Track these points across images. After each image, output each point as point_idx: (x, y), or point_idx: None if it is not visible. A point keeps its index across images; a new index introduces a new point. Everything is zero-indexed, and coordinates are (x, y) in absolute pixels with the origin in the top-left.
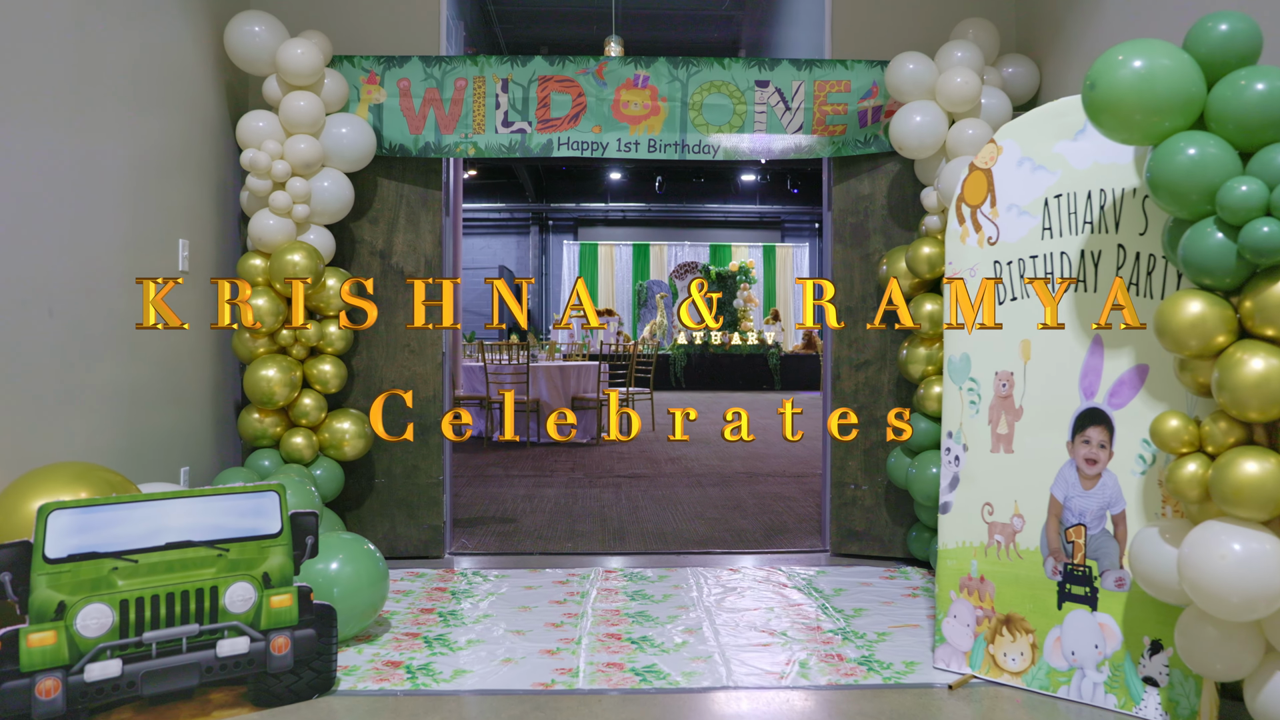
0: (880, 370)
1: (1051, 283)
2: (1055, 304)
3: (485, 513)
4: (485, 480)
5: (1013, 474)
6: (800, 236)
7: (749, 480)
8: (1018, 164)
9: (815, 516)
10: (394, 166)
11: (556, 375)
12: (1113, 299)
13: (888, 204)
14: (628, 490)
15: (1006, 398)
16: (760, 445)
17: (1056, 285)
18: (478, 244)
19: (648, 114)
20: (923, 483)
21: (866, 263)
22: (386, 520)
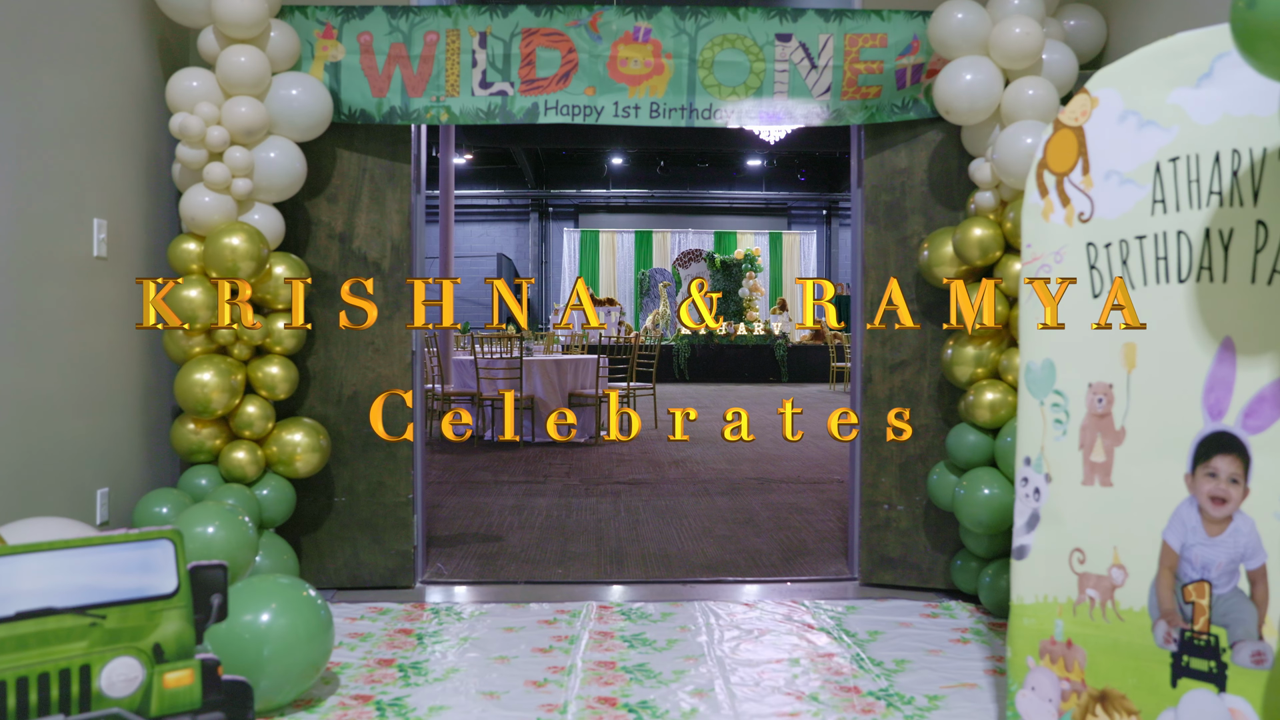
0: (920, 372)
1: (1166, 271)
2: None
3: (467, 528)
4: (471, 488)
5: (1112, 513)
6: (808, 224)
7: (760, 488)
8: (1119, 119)
9: (838, 534)
10: (355, 135)
11: (553, 370)
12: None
13: (928, 179)
14: (627, 500)
15: (1104, 416)
16: (770, 445)
17: (1171, 274)
18: (475, 231)
19: (650, 73)
20: (972, 506)
21: (903, 247)
22: (347, 545)
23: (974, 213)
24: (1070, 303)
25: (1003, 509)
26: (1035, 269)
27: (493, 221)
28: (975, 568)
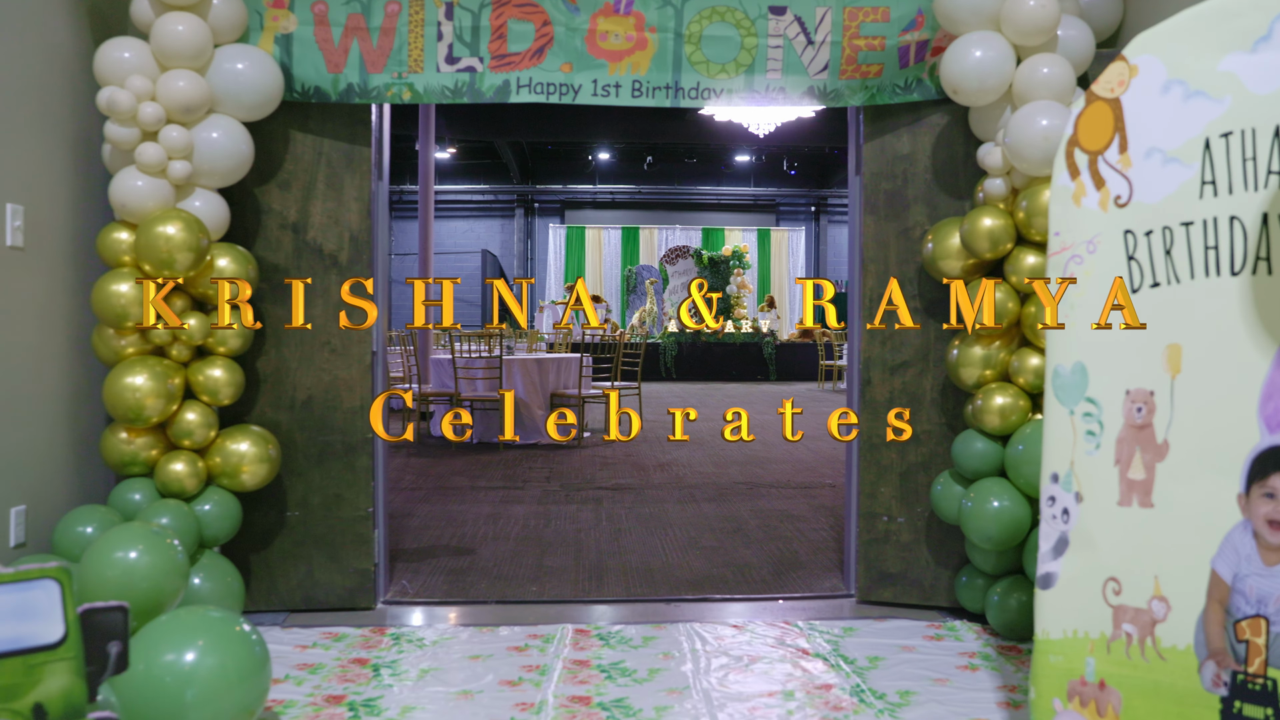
0: (922, 374)
1: (1217, 262)
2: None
3: (438, 540)
4: (445, 494)
5: (1153, 538)
6: (796, 220)
7: (749, 493)
8: (1163, 89)
9: (832, 544)
10: (310, 116)
11: (534, 369)
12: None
13: (932, 166)
14: (610, 507)
15: (1144, 428)
16: (759, 447)
17: (1222, 265)
18: (460, 227)
19: (632, 48)
20: (980, 520)
21: (905, 239)
22: (301, 564)
23: (982, 202)
24: (1105, 296)
25: (1014, 523)
26: (1064, 260)
27: (477, 217)
28: (982, 585)
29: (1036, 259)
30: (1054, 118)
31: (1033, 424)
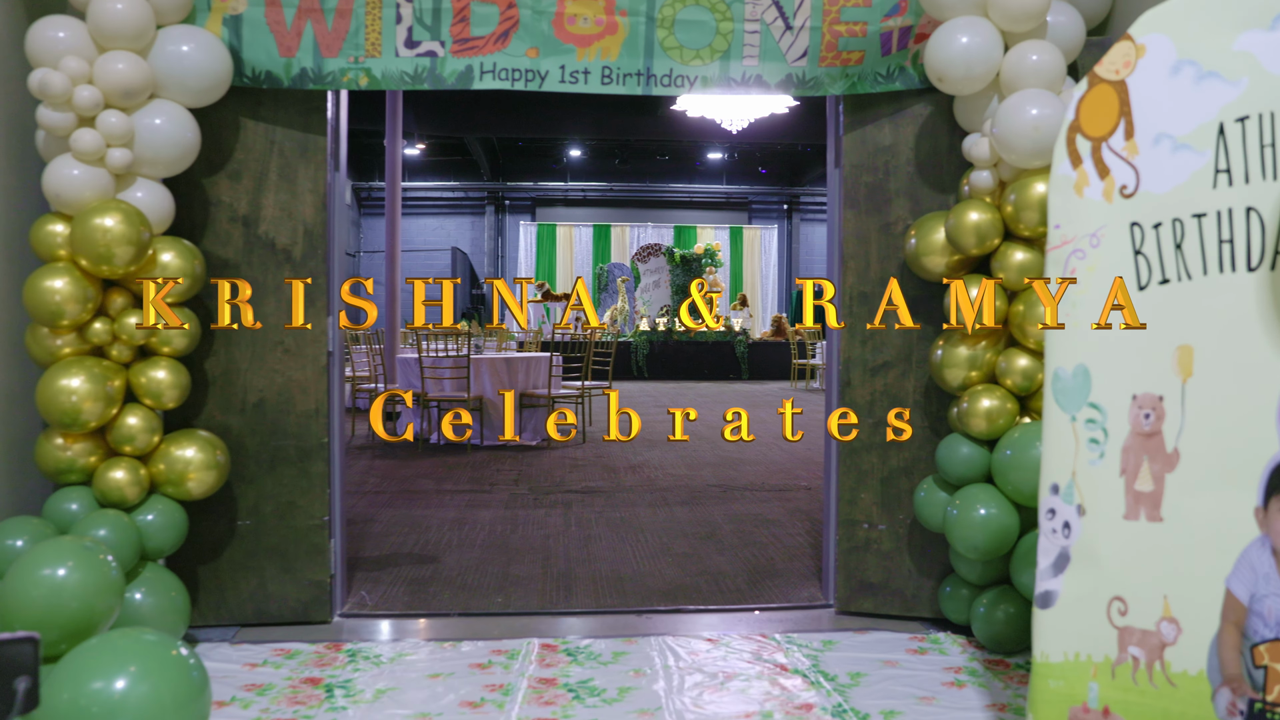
0: (904, 375)
1: (1232, 257)
2: (1055, 303)
3: (400, 547)
4: (410, 498)
5: (1162, 554)
6: (769, 218)
7: (722, 496)
8: (1172, 70)
9: (808, 550)
10: (262, 103)
11: (502, 369)
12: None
13: (915, 158)
14: (579, 511)
15: (1152, 436)
16: (732, 449)
17: (1238, 260)
18: (430, 225)
19: (601, 32)
20: (966, 529)
21: (887, 234)
22: (253, 576)
23: (968, 195)
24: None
25: (1002, 532)
26: (1065, 255)
27: (447, 214)
28: (967, 596)
29: (1025, 255)
30: (1045, 107)
31: (1021, 428)
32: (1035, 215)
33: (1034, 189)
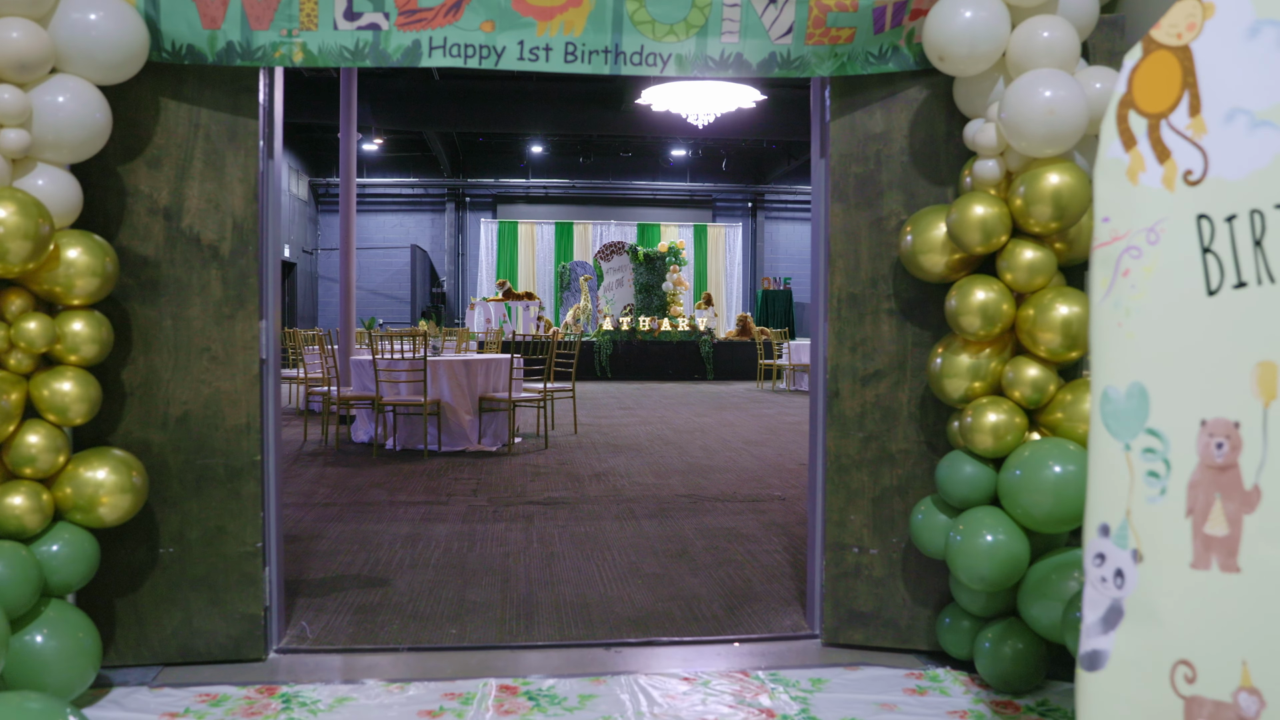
0: (898, 385)
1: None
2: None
3: (348, 568)
4: (362, 510)
5: (1238, 611)
6: (733, 216)
7: (693, 507)
8: (1249, 33)
9: (788, 570)
10: (185, 81)
11: (461, 372)
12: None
13: (910, 147)
14: (541, 525)
15: (1226, 469)
16: (700, 454)
17: None
18: (389, 222)
19: (565, 4)
20: (972, 558)
21: (879, 230)
22: (177, 610)
23: (969, 188)
24: (1172, 300)
25: (1011, 561)
26: (1117, 254)
27: (406, 211)
28: (969, 628)
29: (1036, 253)
30: (1059, 88)
31: (1032, 445)
32: (1047, 209)
33: (1046, 180)
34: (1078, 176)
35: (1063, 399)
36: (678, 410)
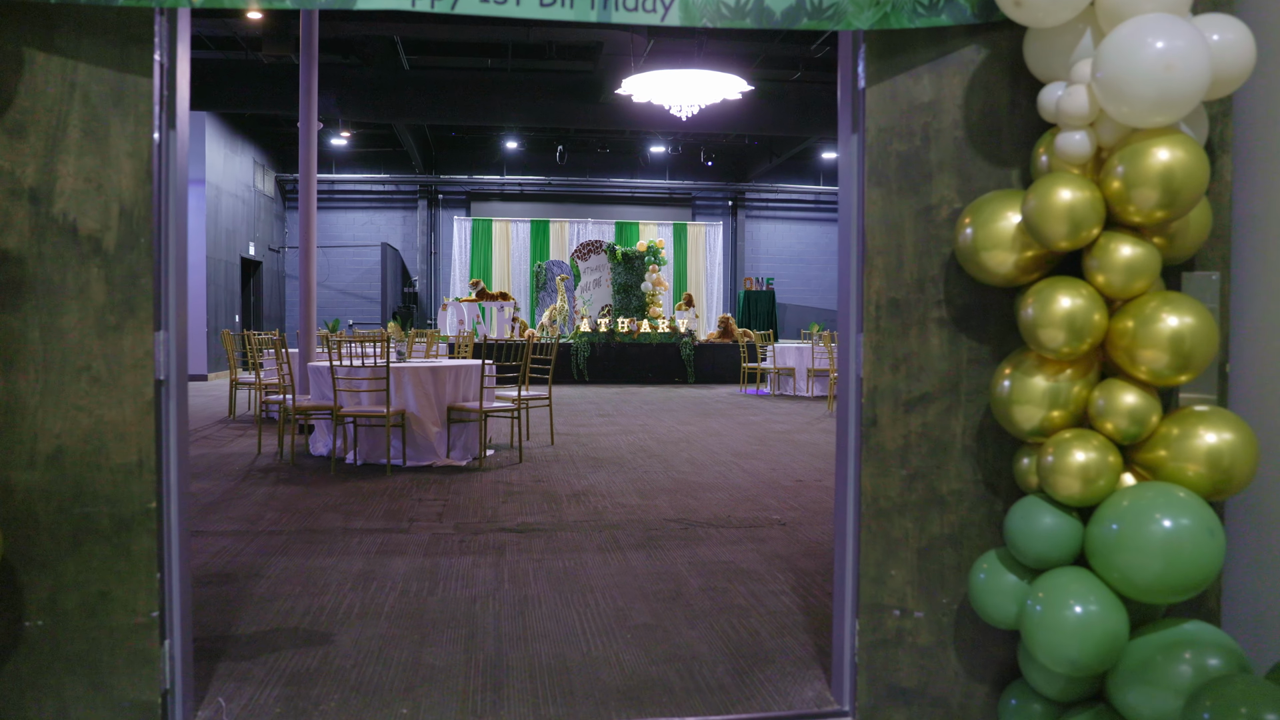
0: (950, 411)
1: None
2: None
3: (285, 619)
4: (311, 540)
5: None
6: (713, 214)
7: (684, 535)
8: None
9: (800, 617)
10: (57, 28)
11: (428, 379)
12: None
13: (965, 120)
14: (514, 559)
15: None
16: (687, 468)
17: None
18: (359, 219)
19: None
20: (1057, 635)
21: (927, 222)
22: (48, 698)
23: (1046, 167)
24: None
25: (1107, 640)
26: None
27: (377, 209)
28: (1042, 713)
29: (1136, 250)
30: (1175, 38)
31: (1131, 493)
32: (1154, 194)
33: (1154, 156)
34: (1193, 152)
35: (1167, 433)
36: (660, 418)
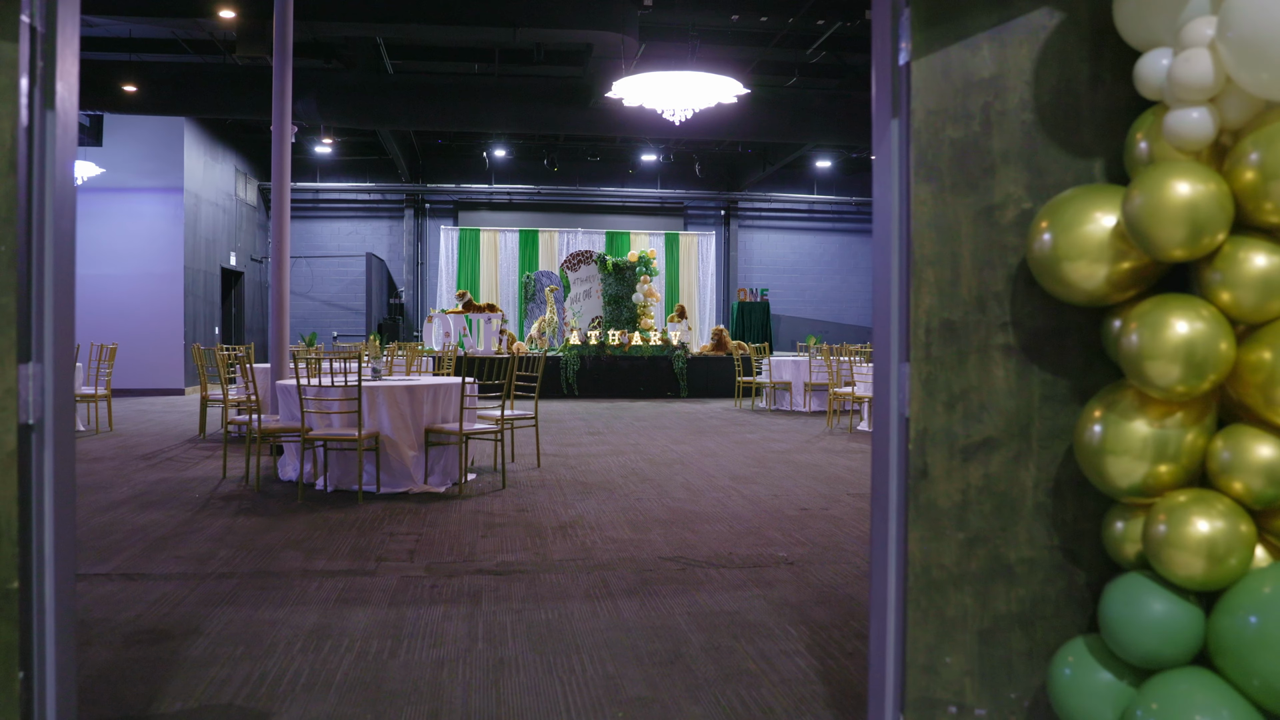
0: (1019, 460)
1: None
2: None
3: (219, 692)
4: (264, 586)
5: None
6: (705, 224)
7: (681, 577)
8: None
9: (817, 684)
10: None
11: (404, 399)
12: None
13: (1035, 99)
14: (490, 609)
15: None
16: (682, 494)
17: None
18: (344, 229)
19: None
20: None
21: (989, 225)
22: None
23: (1146, 156)
24: None
25: None
26: None
27: (362, 218)
28: None
29: (1274, 259)
30: None
31: (1272, 575)
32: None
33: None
34: None
35: None
36: (652, 435)
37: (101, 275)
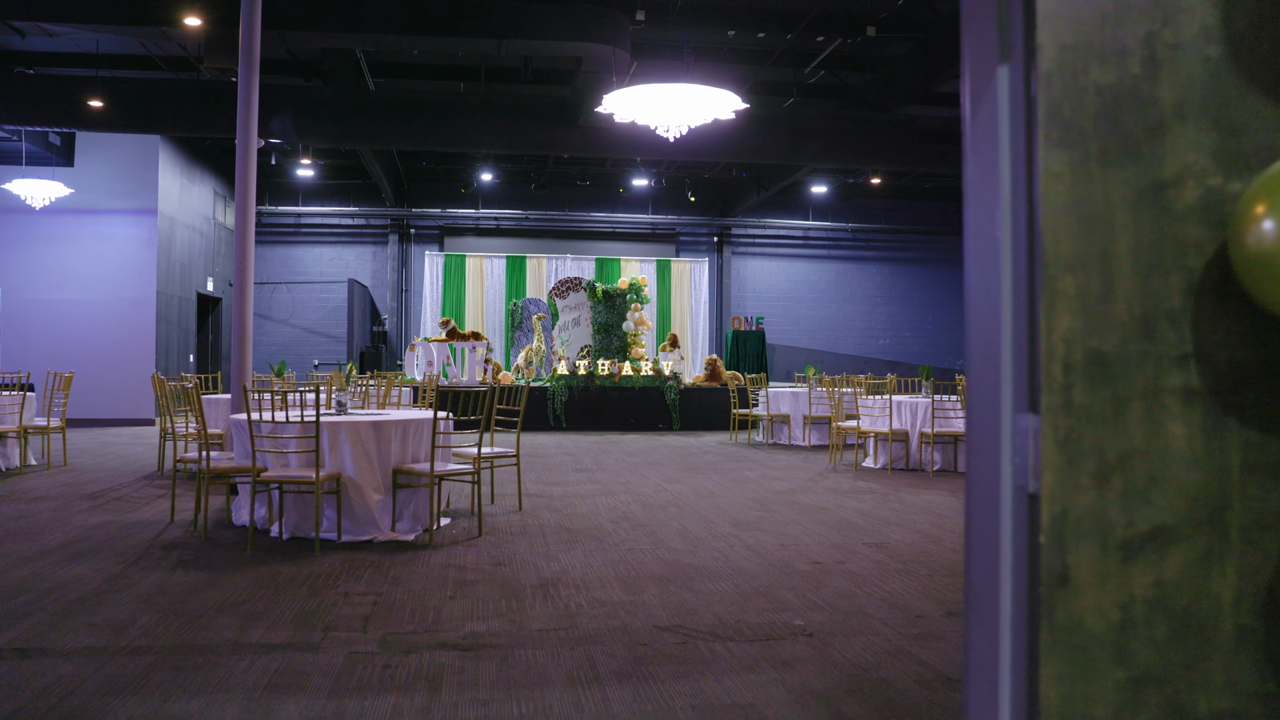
0: (1209, 560)
1: None
2: None
3: None
4: (184, 663)
5: None
6: (698, 251)
7: (681, 655)
8: None
9: None
10: None
11: (369, 436)
12: None
13: (1224, 27)
14: (451, 699)
15: None
16: (679, 543)
17: None
18: (327, 254)
19: None
20: None
21: (1158, 210)
22: None
23: None
24: None
25: None
26: None
27: (345, 243)
28: None
29: None
30: None
31: None
32: None
33: None
34: None
35: None
36: (644, 473)
37: (68, 300)
